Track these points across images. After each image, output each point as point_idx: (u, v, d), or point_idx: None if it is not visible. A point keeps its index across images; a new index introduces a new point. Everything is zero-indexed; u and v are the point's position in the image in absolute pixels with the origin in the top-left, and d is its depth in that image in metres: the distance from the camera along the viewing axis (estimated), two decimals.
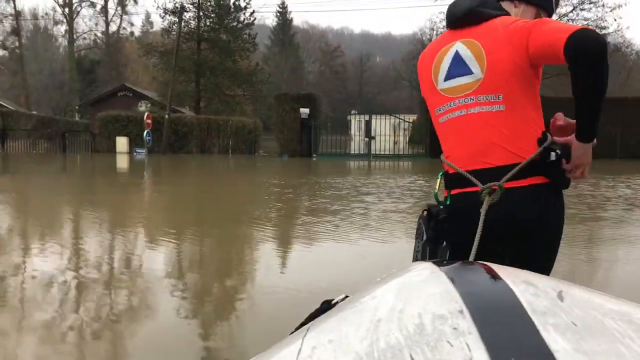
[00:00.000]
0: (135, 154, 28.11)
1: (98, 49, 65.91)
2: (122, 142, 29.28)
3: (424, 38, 78.51)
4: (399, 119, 29.26)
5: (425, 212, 2.05)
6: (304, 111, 27.05)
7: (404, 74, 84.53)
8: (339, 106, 65.59)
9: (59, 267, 5.66)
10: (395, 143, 28.89)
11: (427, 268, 0.96)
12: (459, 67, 1.97)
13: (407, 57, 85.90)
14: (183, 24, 36.75)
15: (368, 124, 28.34)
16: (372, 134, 29.03)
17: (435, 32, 43.17)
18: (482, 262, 1.00)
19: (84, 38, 66.33)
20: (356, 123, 45.66)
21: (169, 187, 14.15)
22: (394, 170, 21.47)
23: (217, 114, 33.69)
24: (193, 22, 37.08)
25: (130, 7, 68.25)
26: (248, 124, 30.36)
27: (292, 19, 75.11)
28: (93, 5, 64.09)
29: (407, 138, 34.93)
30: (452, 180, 2.04)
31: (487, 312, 0.73)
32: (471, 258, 1.67)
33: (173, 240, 7.35)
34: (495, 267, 0.91)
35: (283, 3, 74.15)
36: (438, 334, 0.70)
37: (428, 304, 0.78)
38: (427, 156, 27.54)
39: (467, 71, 1.95)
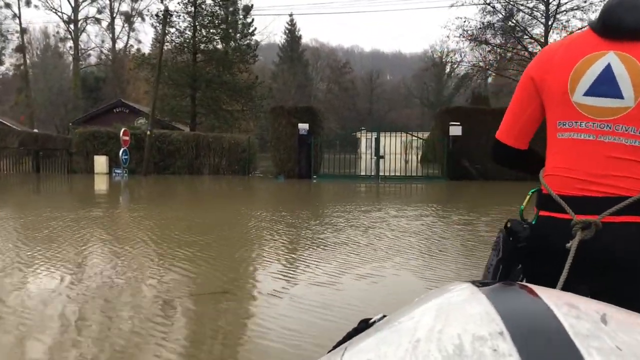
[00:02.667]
0: (114, 175, 23.83)
1: (104, 66, 62.64)
2: (100, 162, 25.02)
3: (434, 56, 75.03)
4: (412, 135, 24.75)
5: (506, 226, 1.76)
6: (303, 126, 22.66)
7: (415, 92, 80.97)
8: (349, 124, 61.53)
9: None
10: (406, 162, 24.38)
11: (466, 288, 0.92)
12: (607, 85, 1.58)
13: (417, 74, 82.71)
14: (178, 34, 32.75)
15: (377, 141, 23.79)
16: (382, 153, 24.77)
17: (446, 49, 38.77)
18: (522, 283, 0.94)
19: (89, 55, 63.13)
20: (365, 141, 41.30)
21: (109, 229, 9.74)
22: (407, 197, 16.98)
23: (214, 131, 29.42)
24: (188, 33, 32.89)
25: (137, 25, 65.19)
26: (241, 141, 25.95)
27: (300, 36, 71.15)
28: (98, 21, 60.82)
29: (419, 157, 30.71)
30: (544, 199, 1.72)
31: (528, 334, 0.70)
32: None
33: None
34: (536, 288, 0.86)
35: (292, 20, 70.35)
36: (478, 355, 0.67)
37: (467, 324, 0.75)
38: (444, 178, 23.04)
39: (617, 94, 1.57)
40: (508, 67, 34.90)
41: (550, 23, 31.74)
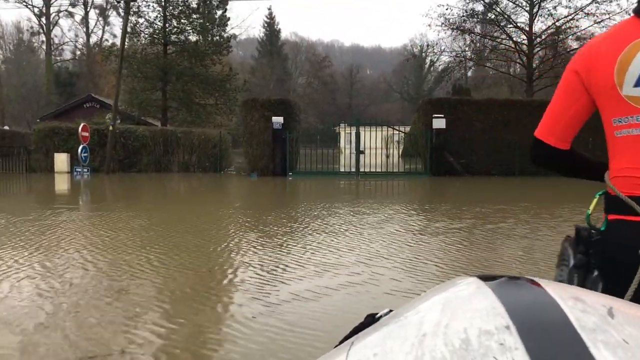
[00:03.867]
0: (75, 173, 21.78)
1: (78, 61, 60.18)
2: (61, 160, 22.93)
3: (414, 49, 73.54)
4: (394, 129, 22.99)
5: (572, 235, 1.67)
6: (277, 120, 20.79)
7: (395, 86, 79.51)
8: (329, 118, 59.78)
9: None
10: (387, 157, 22.63)
11: (472, 282, 0.88)
12: None
13: (397, 69, 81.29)
14: (147, 24, 30.63)
15: (356, 136, 22.01)
16: (362, 148, 23.03)
17: (426, 43, 37.05)
18: (529, 277, 0.89)
19: (63, 50, 60.59)
20: (345, 135, 39.50)
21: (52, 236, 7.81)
22: (388, 197, 15.19)
23: (186, 126, 27.41)
24: (158, 23, 30.76)
25: (113, 19, 62.77)
26: (212, 136, 23.98)
27: (279, 30, 69.06)
28: (71, 15, 58.31)
29: (401, 152, 29.03)
30: (612, 202, 1.60)
31: (534, 328, 0.69)
32: (626, 298, 1.39)
33: None
34: (542, 282, 0.84)
35: (271, 14, 68.27)
36: (484, 349, 0.66)
37: (474, 319, 0.74)
38: (427, 174, 21.34)
39: None
40: (491, 58, 33.24)
41: (535, 11, 30.13)
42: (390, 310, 0.95)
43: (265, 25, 68.42)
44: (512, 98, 25.45)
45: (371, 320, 0.95)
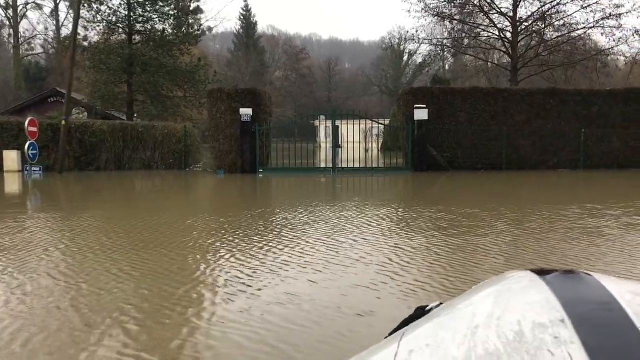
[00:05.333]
0: (26, 172, 19.48)
1: (47, 55, 57.22)
2: (11, 158, 20.59)
3: (392, 42, 71.71)
4: (374, 121, 20.99)
5: None
6: (245, 112, 18.66)
7: (374, 79, 77.70)
8: (307, 111, 57.72)
9: None
10: (366, 151, 20.66)
11: (525, 276, 0.89)
12: None
13: (375, 62, 79.51)
14: (110, 12, 28.22)
15: (333, 129, 19.98)
16: (341, 141, 21.11)
17: (405, 32, 35.05)
18: (584, 271, 0.87)
19: (32, 44, 57.51)
20: (324, 129, 37.43)
21: None
22: (368, 198, 13.16)
23: (153, 120, 25.16)
24: (123, 11, 28.35)
25: (84, 12, 59.81)
26: (177, 131, 21.74)
27: (256, 22, 66.57)
28: (39, 7, 55.25)
29: (380, 145, 27.13)
30: None
31: (591, 322, 0.68)
32: None
33: None
34: (597, 276, 0.82)
35: (247, 6, 65.78)
36: (538, 342, 0.66)
37: (527, 311, 0.74)
38: (408, 169, 19.41)
39: None
40: (473, 46, 31.30)
41: None
42: (441, 303, 0.96)
43: (242, 17, 65.95)
44: (499, 87, 23.56)
45: (421, 312, 0.95)
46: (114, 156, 21.02)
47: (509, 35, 28.97)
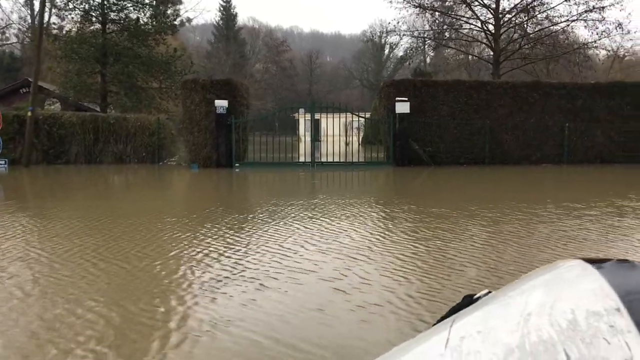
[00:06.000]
0: None
1: (22, 45, 55.44)
2: None
3: (373, 36, 71.04)
4: (356, 114, 20.26)
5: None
6: (220, 104, 17.81)
7: (355, 73, 77.00)
8: (288, 104, 56.73)
9: None
10: (347, 144, 19.98)
11: (577, 265, 0.89)
12: None
13: (357, 55, 78.75)
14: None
15: (312, 122, 19.23)
16: (322, 135, 20.38)
17: (387, 24, 34.29)
18: (637, 260, 0.88)
19: (4, 32, 55.67)
20: (305, 122, 36.57)
21: None
22: (348, 194, 12.42)
23: (128, 111, 24.14)
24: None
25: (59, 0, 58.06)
26: (150, 123, 20.80)
27: (236, 14, 65.34)
28: None
29: (361, 139, 26.47)
30: None
31: None
32: None
33: None
34: None
35: None
36: (593, 330, 0.66)
37: (581, 300, 0.73)
38: (389, 163, 18.75)
39: None
40: (454, 38, 30.65)
41: None
42: (490, 291, 0.95)
43: (221, 8, 64.65)
44: (482, 79, 22.99)
45: (469, 301, 0.93)
46: (84, 149, 20.04)
47: (491, 27, 28.38)
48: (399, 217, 7.99)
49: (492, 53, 29.45)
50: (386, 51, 73.15)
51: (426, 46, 34.92)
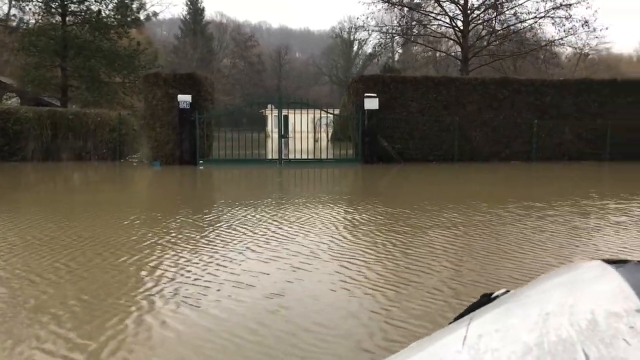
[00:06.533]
0: None
1: None
2: None
3: (342, 32, 70.63)
4: (324, 111, 19.74)
5: None
6: (184, 99, 17.13)
7: (324, 69, 76.48)
8: (253, 100, 55.87)
9: None
10: (315, 141, 19.52)
11: (596, 266, 0.88)
12: None
13: (326, 51, 78.22)
14: None
15: (279, 118, 18.67)
16: (290, 131, 19.82)
17: (356, 19, 33.80)
18: None
19: None
20: (273, 118, 35.88)
21: None
22: (312, 193, 11.94)
23: (90, 107, 23.21)
24: None
25: None
26: (111, 118, 19.96)
27: (203, 8, 64.13)
28: None
29: (329, 136, 26.01)
30: None
31: None
32: None
33: None
34: None
35: None
36: (613, 331, 0.65)
37: (600, 300, 0.73)
38: (358, 160, 18.33)
39: None
40: (423, 34, 30.34)
41: None
42: (507, 290, 0.94)
43: (188, 3, 63.36)
44: (451, 76, 22.74)
45: (487, 299, 0.92)
46: (41, 145, 19.11)
47: (459, 24, 28.16)
48: (356, 220, 7.52)
49: (460, 50, 29.27)
50: (355, 48, 72.89)
51: (394, 43, 34.54)
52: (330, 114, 20.90)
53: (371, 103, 18.03)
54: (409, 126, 18.57)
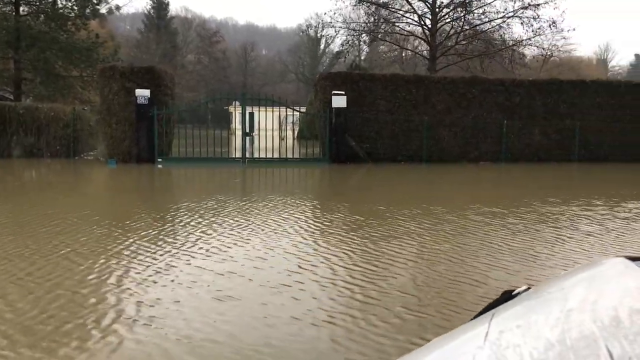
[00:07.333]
0: None
1: None
2: None
3: (309, 30, 69.87)
4: (292, 108, 18.93)
5: None
6: (142, 94, 16.13)
7: (290, 66, 75.55)
8: (218, 95, 54.62)
9: None
10: (281, 139, 18.74)
11: (620, 262, 0.86)
12: None
13: (292, 49, 77.29)
14: None
15: (243, 115, 17.81)
16: (251, 130, 19.01)
17: (323, 16, 33.08)
18: None
19: None
20: (238, 115, 34.84)
21: None
22: (267, 195, 11.12)
23: (45, 101, 21.91)
24: None
25: None
26: (65, 113, 18.78)
27: (168, 3, 62.41)
28: None
29: (296, 134, 25.24)
30: None
31: None
32: None
33: None
34: None
35: None
36: (637, 328, 0.64)
37: (624, 297, 0.71)
38: (325, 160, 17.61)
39: None
40: (391, 32, 29.76)
41: None
42: (529, 287, 0.92)
43: None
44: (420, 74, 22.24)
45: (508, 296, 0.92)
46: None
47: (428, 22, 27.68)
48: (302, 228, 6.77)
49: (428, 48, 28.81)
50: (322, 46, 72.20)
51: (361, 42, 33.93)
52: (297, 111, 20.11)
53: (339, 101, 17.35)
54: (378, 125, 17.95)
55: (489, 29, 27.35)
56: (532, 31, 26.47)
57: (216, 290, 4.15)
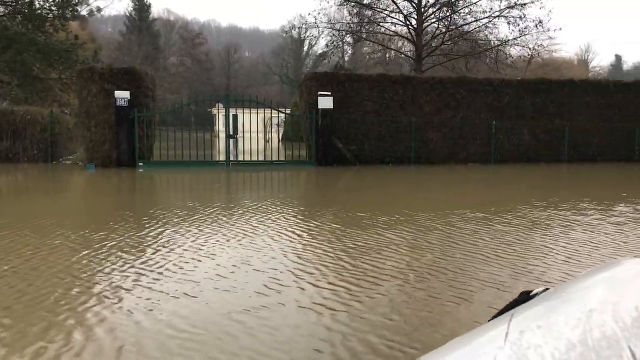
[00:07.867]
0: None
1: None
2: None
3: (293, 32, 69.40)
4: (276, 110, 18.43)
5: None
6: (122, 96, 15.54)
7: (274, 68, 75.00)
8: (201, 97, 53.91)
9: None
10: (266, 142, 18.24)
11: (638, 263, 0.84)
12: None
13: (276, 51, 76.74)
14: None
15: (227, 117, 17.28)
16: (235, 132, 18.48)
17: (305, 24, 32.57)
18: None
19: None
20: (222, 118, 34.22)
21: None
22: (247, 201, 10.59)
23: (22, 104, 21.18)
24: None
25: None
26: (42, 117, 18.11)
27: (150, 5, 61.59)
28: None
29: (280, 136, 24.79)
30: None
31: None
32: None
33: None
34: None
35: None
36: None
37: None
38: (312, 163, 17.15)
39: None
40: (376, 32, 29.37)
41: None
42: (547, 288, 0.91)
43: None
44: (408, 74, 21.84)
45: (526, 297, 0.90)
46: None
47: (414, 22, 27.32)
48: (279, 239, 6.26)
49: (414, 49, 28.46)
50: (306, 47, 71.77)
51: (345, 44, 33.52)
52: (283, 113, 19.60)
53: (325, 102, 16.89)
54: (365, 127, 17.52)
55: (475, 29, 27.10)
56: (519, 31, 26.28)
57: (167, 319, 3.64)
